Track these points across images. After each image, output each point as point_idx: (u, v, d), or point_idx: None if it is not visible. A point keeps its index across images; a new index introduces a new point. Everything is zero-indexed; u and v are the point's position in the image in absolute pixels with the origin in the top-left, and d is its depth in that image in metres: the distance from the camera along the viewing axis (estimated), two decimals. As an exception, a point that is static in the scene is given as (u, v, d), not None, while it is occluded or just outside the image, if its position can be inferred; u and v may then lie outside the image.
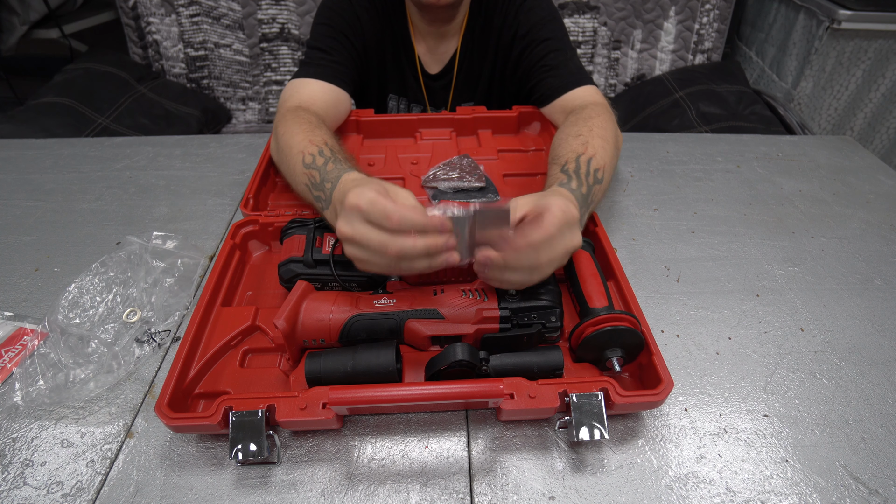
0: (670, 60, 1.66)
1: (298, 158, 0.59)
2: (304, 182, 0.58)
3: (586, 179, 0.57)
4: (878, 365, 0.55)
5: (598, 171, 0.58)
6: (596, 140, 0.62)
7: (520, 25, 0.84)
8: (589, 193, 0.56)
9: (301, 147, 0.60)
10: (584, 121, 0.66)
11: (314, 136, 0.61)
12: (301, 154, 0.59)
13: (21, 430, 0.48)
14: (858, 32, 1.35)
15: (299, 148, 0.60)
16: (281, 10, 1.54)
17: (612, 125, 0.68)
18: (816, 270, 0.67)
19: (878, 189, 0.83)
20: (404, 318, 0.49)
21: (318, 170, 0.56)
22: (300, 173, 0.59)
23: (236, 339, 0.53)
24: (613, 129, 0.67)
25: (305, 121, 0.65)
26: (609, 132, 0.65)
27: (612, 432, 0.48)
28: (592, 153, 0.60)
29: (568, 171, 0.57)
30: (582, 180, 0.56)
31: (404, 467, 0.45)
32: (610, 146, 0.63)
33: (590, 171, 0.58)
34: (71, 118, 1.29)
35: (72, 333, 0.55)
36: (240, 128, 1.69)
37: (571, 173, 0.57)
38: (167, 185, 0.81)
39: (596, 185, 0.58)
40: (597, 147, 0.61)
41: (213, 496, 0.43)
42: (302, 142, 0.60)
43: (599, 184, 0.58)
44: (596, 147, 0.61)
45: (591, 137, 0.62)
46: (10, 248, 0.68)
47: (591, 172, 0.58)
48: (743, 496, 0.44)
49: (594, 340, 0.48)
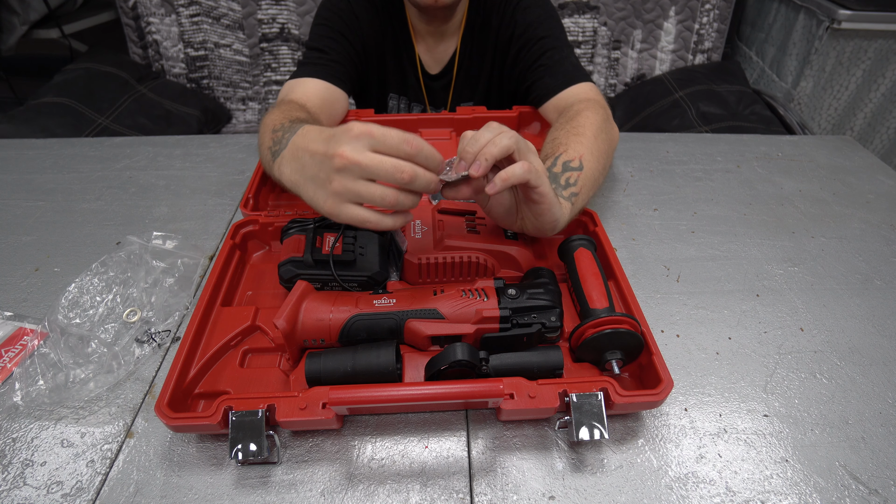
0: (670, 60, 1.66)
1: (269, 129, 0.60)
2: (268, 146, 0.58)
3: (551, 169, 0.58)
4: (878, 365, 0.55)
5: (569, 161, 0.59)
6: (569, 138, 0.63)
7: (517, 24, 0.84)
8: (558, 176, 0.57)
9: (273, 121, 0.61)
10: (562, 124, 0.67)
11: (290, 113, 0.62)
12: (272, 124, 0.60)
13: (21, 430, 0.48)
14: (858, 32, 1.35)
15: (271, 122, 0.61)
16: (281, 10, 1.54)
17: (596, 119, 0.67)
18: (816, 270, 0.67)
19: (878, 189, 0.83)
20: (404, 317, 0.49)
21: (281, 130, 0.57)
22: (267, 139, 0.59)
23: (236, 339, 0.53)
24: (597, 122, 0.67)
25: (287, 107, 0.66)
26: (589, 127, 0.65)
27: (612, 432, 0.48)
28: (563, 150, 0.61)
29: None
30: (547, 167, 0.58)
31: (404, 467, 0.45)
32: (586, 139, 0.63)
33: (556, 163, 0.59)
34: (71, 118, 1.29)
35: (72, 333, 0.55)
36: (240, 128, 1.69)
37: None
38: (167, 185, 0.81)
39: (570, 171, 0.58)
40: (568, 143, 0.62)
41: (213, 496, 0.43)
42: (275, 117, 0.61)
43: (576, 170, 0.59)
44: (567, 143, 0.62)
45: (564, 138, 0.63)
46: (10, 248, 0.68)
47: (558, 164, 0.59)
48: (743, 496, 0.44)
49: (594, 342, 0.48)
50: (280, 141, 0.55)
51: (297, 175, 0.50)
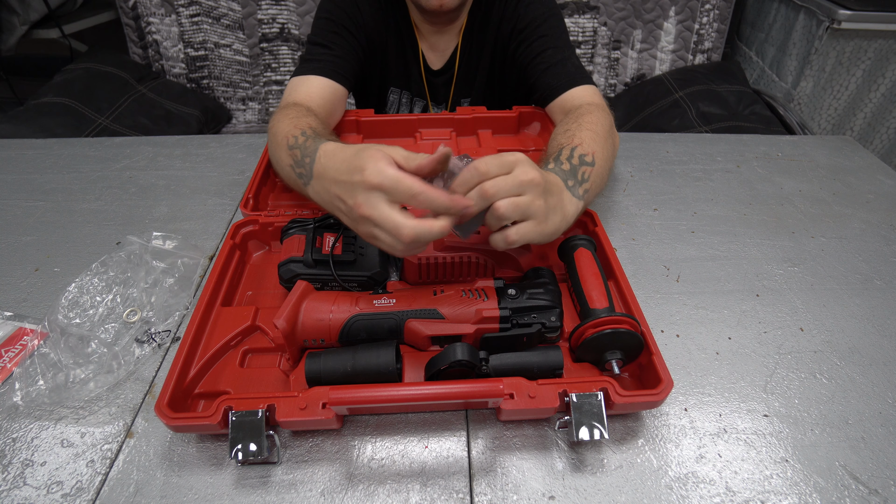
0: (670, 60, 1.66)
1: (284, 144, 0.60)
2: (289, 163, 0.59)
3: (569, 161, 0.57)
4: (878, 365, 0.55)
5: (584, 155, 0.58)
6: (584, 132, 0.62)
7: (518, 20, 0.84)
8: (575, 170, 0.56)
9: (286, 132, 0.61)
10: (574, 119, 0.66)
11: (300, 121, 0.62)
12: (286, 139, 0.60)
13: (21, 430, 0.48)
14: (858, 32, 1.35)
15: (284, 134, 0.61)
16: (281, 10, 1.54)
17: (606, 121, 0.67)
18: (816, 270, 0.67)
19: (878, 189, 0.83)
20: (404, 318, 0.49)
21: (299, 148, 0.57)
22: (285, 156, 0.60)
23: (236, 339, 0.53)
24: (606, 125, 0.67)
25: (294, 112, 0.66)
26: (600, 126, 0.65)
27: (612, 432, 0.48)
28: (578, 142, 0.60)
29: (548, 159, 0.58)
30: (563, 161, 0.56)
31: (404, 467, 0.45)
32: (600, 138, 0.62)
33: (573, 155, 0.58)
34: (71, 118, 1.29)
35: (72, 333, 0.55)
36: (240, 128, 1.69)
37: (552, 160, 0.57)
38: (167, 185, 0.81)
39: (585, 166, 0.57)
40: (584, 137, 0.61)
41: (213, 496, 0.43)
42: (287, 127, 0.61)
43: (589, 165, 0.58)
44: (583, 137, 0.61)
45: (578, 130, 0.62)
46: (10, 248, 0.68)
47: (574, 156, 0.58)
48: (743, 496, 0.44)
49: (594, 342, 0.48)
50: (302, 163, 0.55)
51: (327, 205, 0.52)
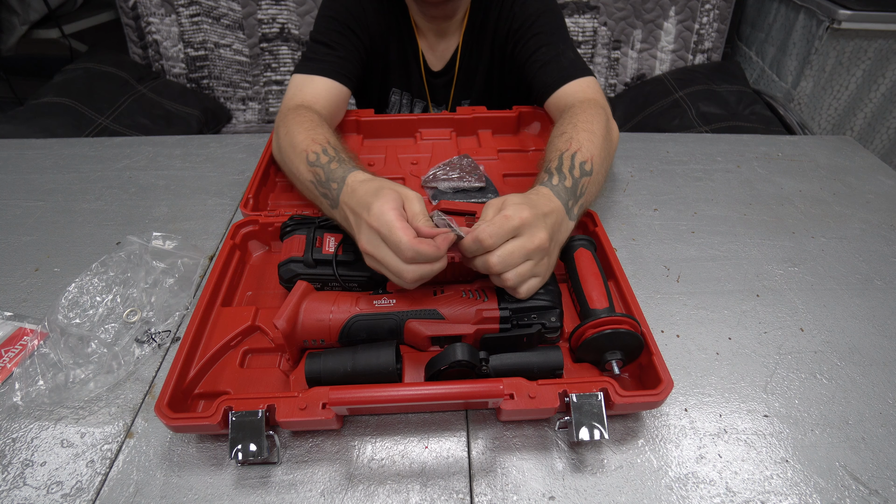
0: (670, 60, 1.66)
1: (302, 157, 0.60)
2: (309, 179, 0.59)
3: (571, 173, 0.57)
4: (878, 365, 0.55)
5: (584, 163, 0.58)
6: (581, 134, 0.61)
7: (513, 19, 0.83)
8: (576, 185, 0.56)
9: (304, 146, 0.61)
10: (569, 119, 0.66)
11: (316, 134, 0.62)
12: (305, 152, 0.60)
13: (21, 430, 0.48)
14: (858, 32, 1.35)
15: (302, 146, 0.61)
16: (281, 10, 1.54)
17: (601, 118, 0.66)
18: (816, 270, 0.67)
19: (878, 189, 0.83)
20: (404, 318, 0.49)
21: (321, 167, 0.57)
22: (305, 171, 0.60)
23: (236, 339, 0.53)
24: (602, 122, 0.66)
25: (307, 119, 0.66)
26: (596, 125, 0.64)
27: (612, 432, 0.48)
28: (577, 147, 0.59)
29: (551, 169, 0.57)
30: (566, 174, 0.56)
31: (404, 467, 0.45)
32: (597, 138, 0.62)
33: (574, 165, 0.57)
34: (71, 118, 1.29)
35: (72, 333, 0.55)
36: (240, 128, 1.69)
37: (554, 171, 0.57)
38: (167, 185, 0.81)
39: (584, 178, 0.57)
40: (582, 140, 0.60)
41: (213, 496, 0.43)
42: (304, 140, 0.62)
43: (588, 175, 0.58)
44: (581, 141, 0.60)
45: (574, 133, 0.62)
46: (10, 248, 0.68)
47: (575, 166, 0.57)
48: (743, 496, 0.44)
49: (594, 342, 0.48)
50: (327, 185, 0.56)
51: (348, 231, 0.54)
